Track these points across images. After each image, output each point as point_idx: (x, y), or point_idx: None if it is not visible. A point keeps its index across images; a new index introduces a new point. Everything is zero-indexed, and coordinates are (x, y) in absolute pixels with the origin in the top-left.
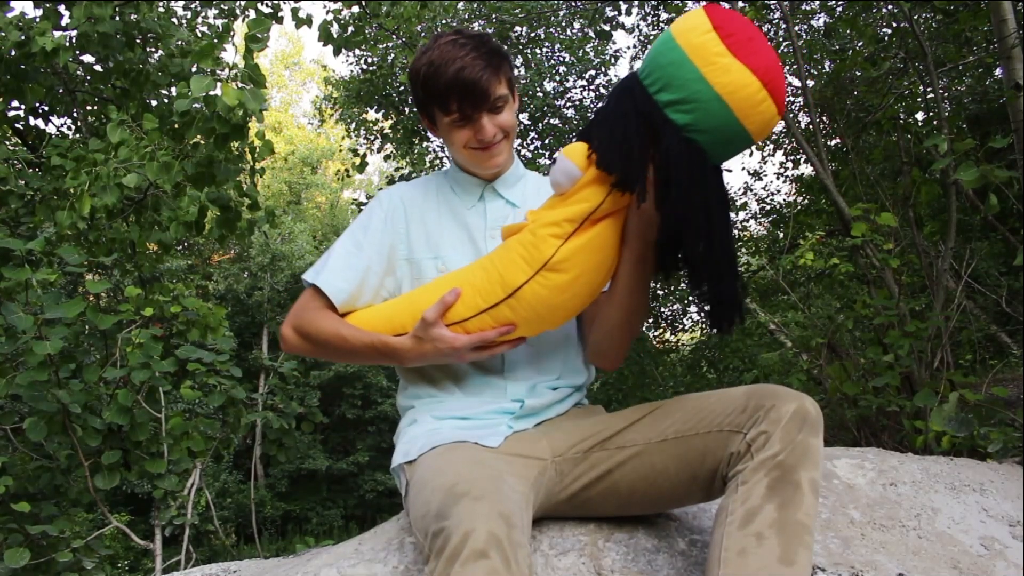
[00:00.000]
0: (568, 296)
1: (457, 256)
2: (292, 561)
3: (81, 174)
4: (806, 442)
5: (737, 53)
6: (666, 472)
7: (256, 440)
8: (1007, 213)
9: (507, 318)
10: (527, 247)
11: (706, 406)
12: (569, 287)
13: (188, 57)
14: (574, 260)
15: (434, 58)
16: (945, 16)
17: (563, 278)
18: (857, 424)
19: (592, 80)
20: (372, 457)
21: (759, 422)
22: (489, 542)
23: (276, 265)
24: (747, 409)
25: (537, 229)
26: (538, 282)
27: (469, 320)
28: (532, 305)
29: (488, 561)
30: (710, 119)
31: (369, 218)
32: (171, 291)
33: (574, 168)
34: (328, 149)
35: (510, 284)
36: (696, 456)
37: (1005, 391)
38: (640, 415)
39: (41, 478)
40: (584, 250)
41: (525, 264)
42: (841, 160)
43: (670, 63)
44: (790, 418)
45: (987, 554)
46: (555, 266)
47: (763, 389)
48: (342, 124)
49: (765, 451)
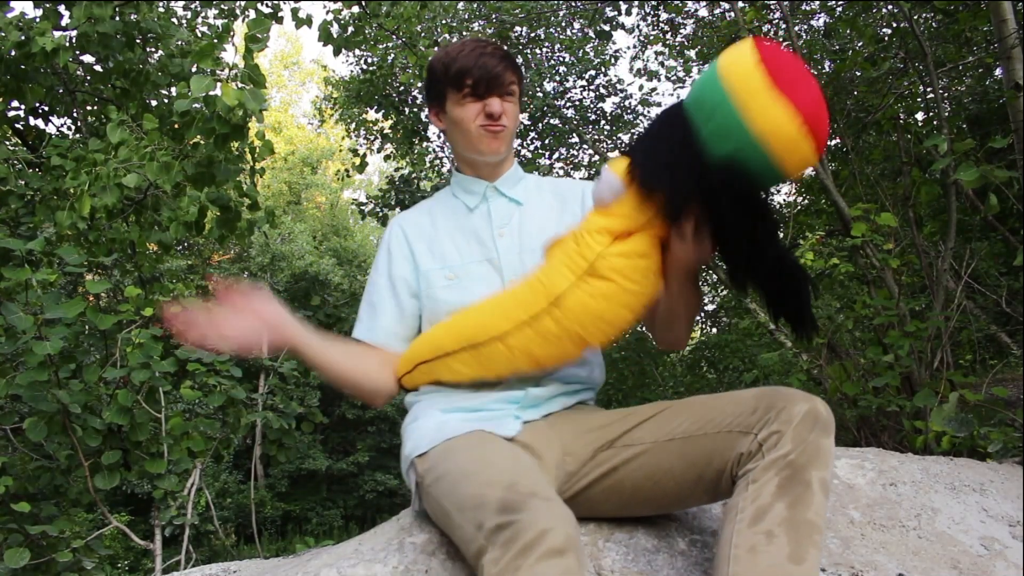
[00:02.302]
0: (613, 305)
1: (463, 259)
2: (292, 561)
3: (81, 174)
4: (817, 442)
5: (779, 89)
6: (671, 472)
7: (256, 440)
8: (1007, 213)
9: (550, 331)
10: (570, 254)
11: (716, 407)
12: (615, 295)
13: (188, 57)
14: (619, 267)
15: (456, 49)
16: (945, 16)
17: (608, 286)
18: (857, 424)
19: (592, 80)
20: (372, 457)
21: (771, 422)
22: (568, 543)
23: (276, 265)
24: (758, 410)
25: (581, 236)
26: (582, 288)
27: (511, 334)
28: (576, 314)
29: (564, 560)
30: (746, 154)
31: (379, 261)
32: (171, 291)
33: (618, 182)
34: (328, 149)
35: (553, 290)
36: (703, 456)
37: (1005, 391)
38: (649, 414)
39: (41, 478)
40: (628, 256)
41: (568, 271)
42: (841, 160)
43: (712, 99)
44: (802, 418)
45: (987, 554)
46: (599, 272)
47: (774, 391)
48: (342, 124)
49: (776, 450)
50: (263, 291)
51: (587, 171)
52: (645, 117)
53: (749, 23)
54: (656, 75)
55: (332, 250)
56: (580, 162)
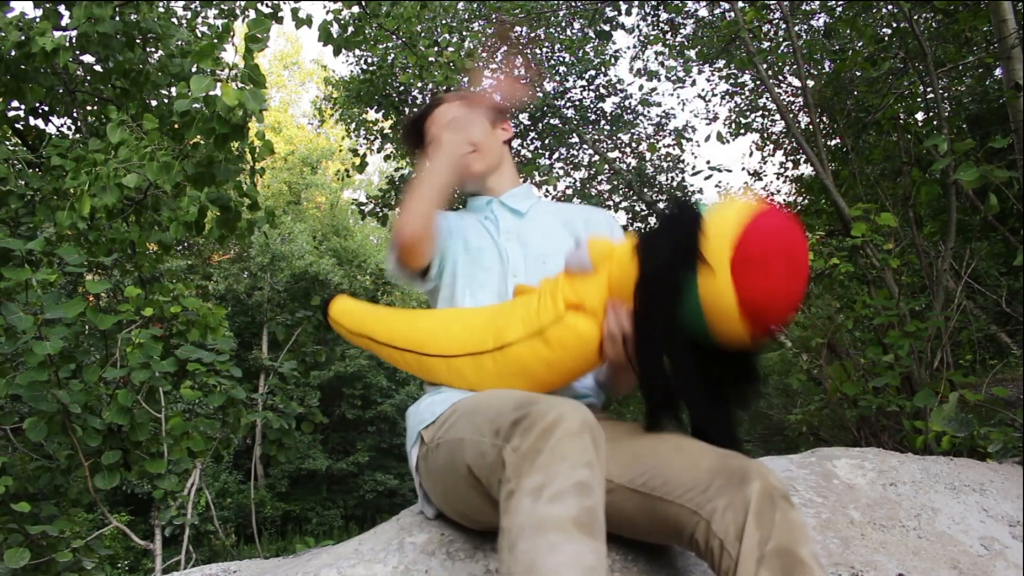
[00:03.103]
0: (548, 371)
1: (479, 240)
2: (292, 561)
3: (81, 174)
4: (787, 518)
5: (736, 267)
6: (635, 522)
7: (256, 440)
8: (1007, 213)
9: (487, 367)
10: (529, 310)
11: (674, 467)
12: (553, 364)
13: (188, 57)
14: (566, 341)
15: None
16: (945, 16)
17: (551, 354)
18: (857, 424)
19: (592, 80)
20: (372, 457)
21: (725, 511)
22: (584, 426)
23: (276, 265)
24: (710, 488)
25: (543, 296)
26: (528, 346)
27: (454, 358)
28: (514, 366)
29: (582, 440)
30: (688, 309)
31: None
32: (171, 291)
33: (588, 262)
34: (328, 149)
35: (503, 338)
36: (660, 518)
37: (1005, 391)
38: (624, 436)
39: (41, 478)
40: (577, 334)
41: (521, 325)
42: (841, 160)
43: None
44: (758, 499)
45: (987, 554)
46: (548, 339)
47: (727, 467)
48: (342, 124)
49: (749, 542)
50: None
51: (587, 171)
52: (645, 117)
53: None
54: (656, 75)
55: (332, 250)
56: (580, 162)
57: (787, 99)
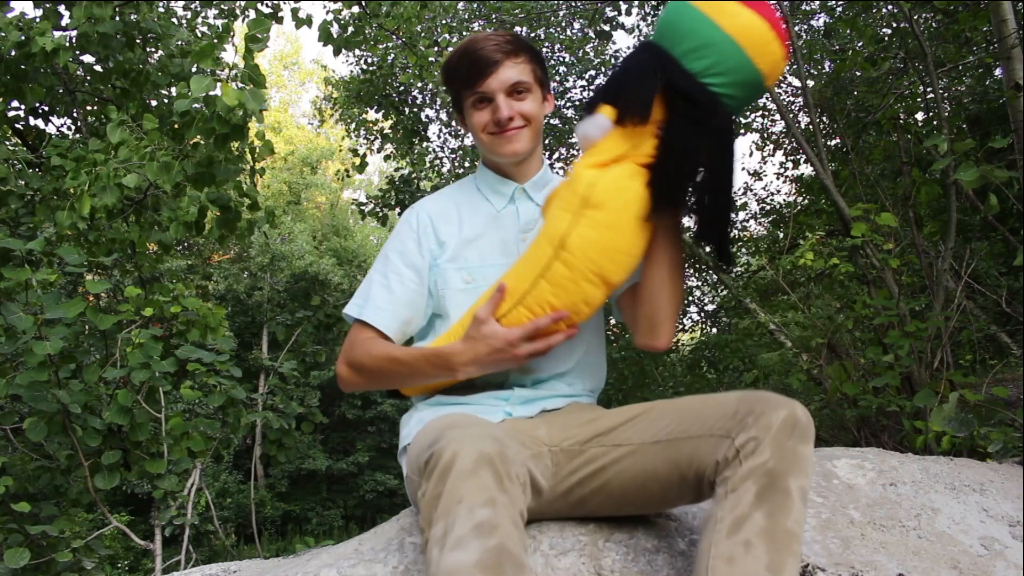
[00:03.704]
0: (616, 232)
1: (483, 264)
2: (292, 561)
3: (81, 174)
4: (796, 449)
5: (743, 2)
6: (656, 474)
7: (256, 440)
8: (1007, 213)
9: (564, 276)
10: (563, 197)
11: (699, 409)
12: (614, 222)
13: (188, 57)
14: (610, 190)
15: (459, 51)
16: (945, 16)
17: (606, 214)
18: (857, 424)
19: (592, 80)
20: (372, 457)
21: (748, 427)
22: (478, 462)
23: (276, 265)
24: (738, 413)
25: (569, 177)
26: (582, 224)
27: (524, 299)
28: (584, 251)
29: (477, 479)
30: (725, 60)
31: (403, 242)
32: (171, 291)
33: (605, 120)
34: (328, 149)
35: (555, 235)
36: (684, 459)
37: (1005, 391)
38: (636, 413)
39: (41, 478)
40: (616, 179)
41: (565, 212)
42: (841, 160)
43: (681, 17)
44: (780, 425)
45: (987, 554)
46: (593, 201)
47: (756, 395)
48: (342, 124)
49: (754, 458)
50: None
51: None
52: None
53: None
54: None
55: (332, 250)
56: None
57: (787, 99)
